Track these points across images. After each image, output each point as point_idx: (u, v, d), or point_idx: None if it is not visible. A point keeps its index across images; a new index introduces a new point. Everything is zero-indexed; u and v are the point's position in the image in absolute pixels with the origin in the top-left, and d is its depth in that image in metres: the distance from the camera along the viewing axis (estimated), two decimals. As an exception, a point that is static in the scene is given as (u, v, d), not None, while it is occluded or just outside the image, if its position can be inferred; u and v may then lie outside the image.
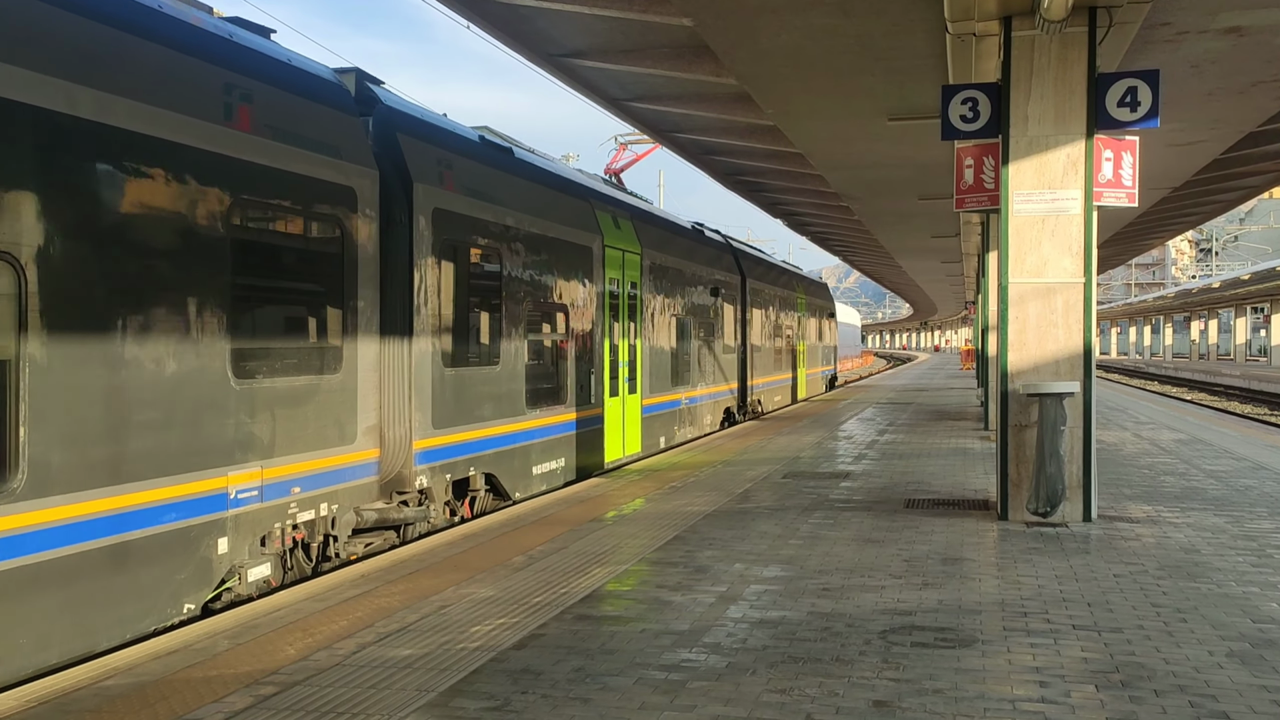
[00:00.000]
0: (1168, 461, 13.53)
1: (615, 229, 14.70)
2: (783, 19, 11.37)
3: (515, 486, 11.36)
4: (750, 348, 23.46)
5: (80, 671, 5.22)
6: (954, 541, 8.34)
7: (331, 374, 8.21)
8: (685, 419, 18.01)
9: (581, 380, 13.18)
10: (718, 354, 20.30)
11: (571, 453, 12.89)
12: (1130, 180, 9.24)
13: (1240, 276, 60.10)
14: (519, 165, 12.18)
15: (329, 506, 8.25)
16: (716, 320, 20.28)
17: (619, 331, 14.58)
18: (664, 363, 16.77)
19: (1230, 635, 5.67)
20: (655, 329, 16.31)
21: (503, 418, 11.11)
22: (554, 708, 4.62)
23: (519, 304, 11.48)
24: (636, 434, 15.41)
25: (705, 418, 19.33)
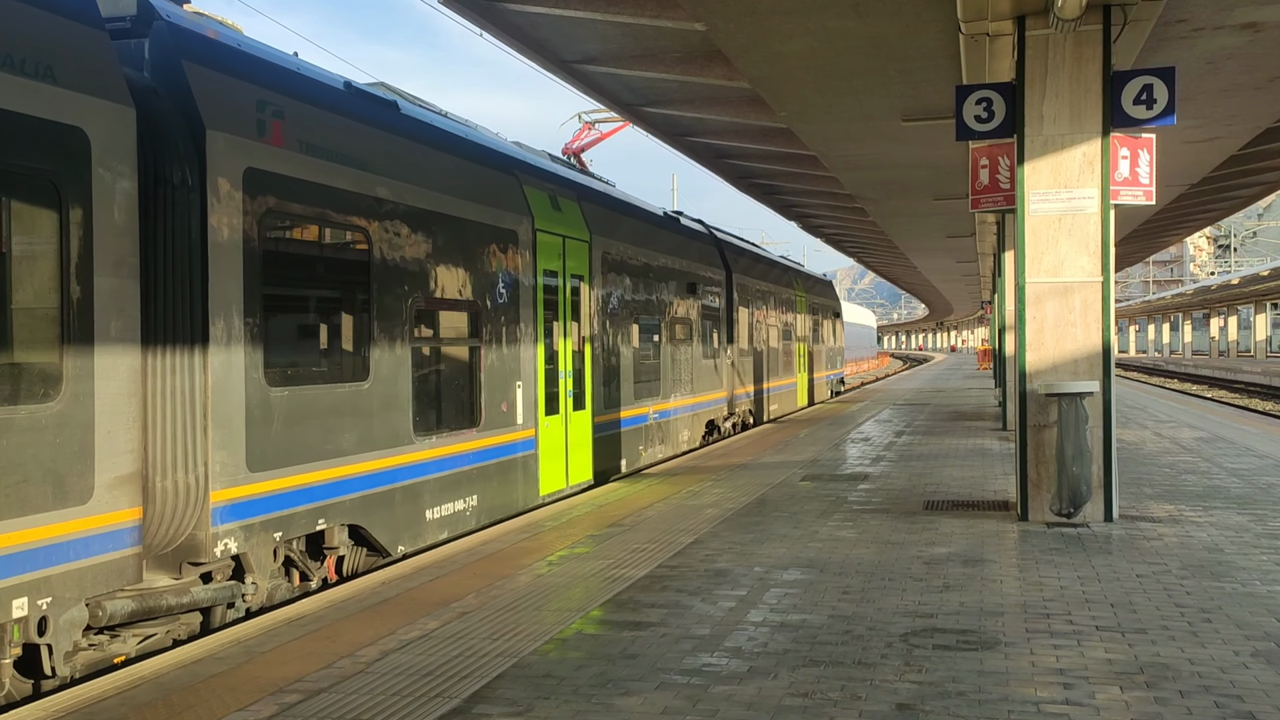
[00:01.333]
0: (1189, 460, 13.44)
1: (553, 211, 12.10)
2: (795, 21, 11.37)
3: (398, 538, 8.88)
4: (738, 352, 20.90)
5: (106, 681, 5.26)
6: (974, 543, 8.31)
7: (34, 403, 5.64)
8: (654, 436, 15.56)
9: (501, 396, 10.67)
10: (697, 360, 17.78)
11: (488, 488, 10.41)
12: (1147, 178, 9.20)
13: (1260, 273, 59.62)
14: (404, 124, 9.61)
15: (33, 602, 5.63)
16: (695, 321, 17.78)
17: (560, 335, 12.14)
18: (624, 371, 14.22)
19: (1255, 635, 5.63)
20: (612, 331, 13.75)
21: (374, 450, 8.54)
22: (577, 713, 4.63)
23: (400, 301, 8.91)
24: (586, 458, 12.89)
25: (681, 433, 16.95)
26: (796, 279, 28.32)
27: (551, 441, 11.87)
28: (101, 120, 6.09)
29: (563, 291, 12.37)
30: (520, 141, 15.06)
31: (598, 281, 13.37)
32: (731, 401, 20.25)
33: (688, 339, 17.32)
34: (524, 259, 11.28)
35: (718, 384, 19.27)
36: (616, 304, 13.99)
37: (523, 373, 11.17)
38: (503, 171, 11.34)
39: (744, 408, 21.32)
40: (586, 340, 12.91)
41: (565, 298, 12.45)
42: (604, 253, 13.63)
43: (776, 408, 24.80)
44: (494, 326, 10.61)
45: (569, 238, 12.49)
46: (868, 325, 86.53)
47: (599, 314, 13.37)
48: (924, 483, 11.84)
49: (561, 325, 12.27)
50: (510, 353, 10.93)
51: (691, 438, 17.51)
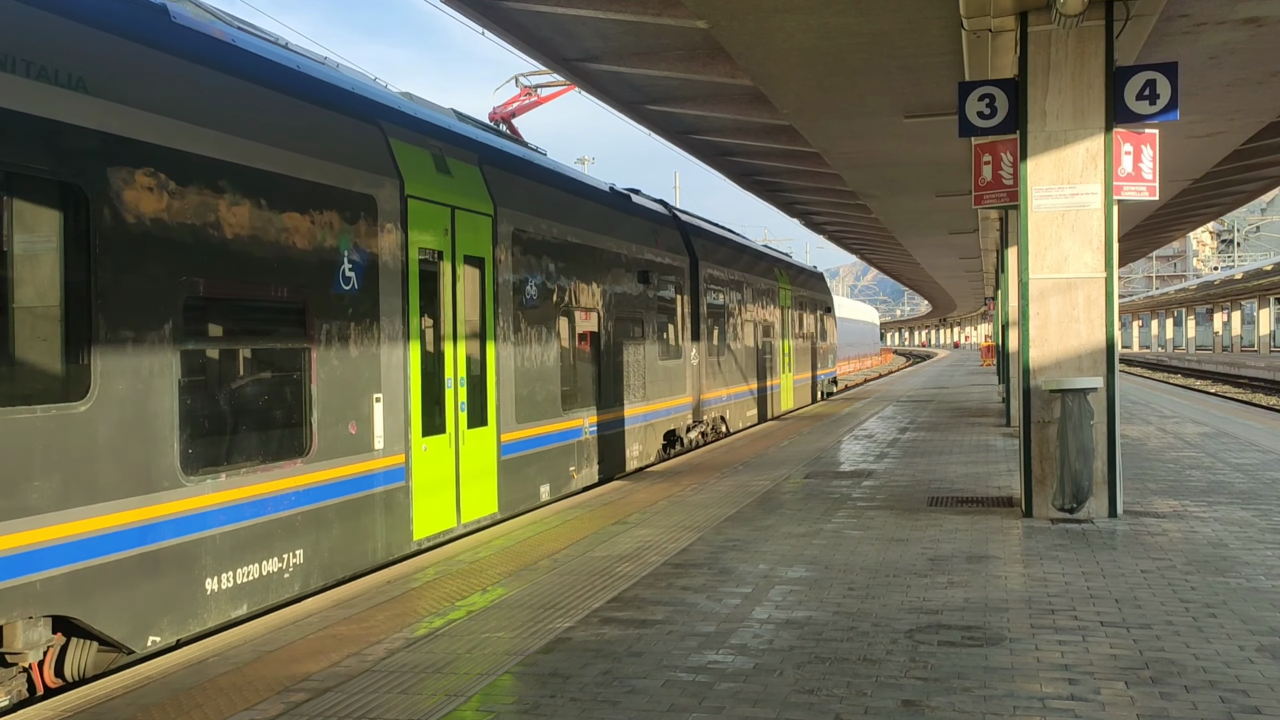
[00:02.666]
0: (1193, 455, 13.43)
1: (437, 174, 9.60)
2: (797, 18, 11.37)
3: (147, 625, 6.21)
4: (706, 351, 18.20)
5: (113, 681, 5.28)
6: (978, 539, 8.31)
7: None
8: (590, 454, 12.80)
9: (347, 413, 8.06)
10: (651, 361, 15.16)
11: (325, 538, 7.76)
12: (1150, 173, 9.20)
13: (1263, 267, 59.58)
14: (173, 37, 6.99)
15: None
16: (650, 315, 15.18)
17: (448, 334, 9.63)
18: (547, 377, 11.52)
19: (1261, 630, 5.64)
20: (529, 328, 11.17)
21: (102, 500, 5.95)
22: (583, 711, 4.64)
23: (155, 285, 6.39)
24: (488, 487, 10.24)
25: (630, 448, 14.30)
26: (779, 269, 25.65)
27: (433, 469, 9.23)
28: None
29: (451, 278, 9.66)
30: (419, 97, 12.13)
31: (507, 266, 10.66)
32: (698, 408, 17.71)
33: (638, 336, 14.66)
34: (387, 234, 8.64)
35: (679, 388, 16.63)
36: (535, 294, 11.31)
37: (386, 382, 8.56)
38: (356, 118, 8.62)
39: (714, 415, 18.76)
40: (490, 340, 10.37)
41: (455, 286, 9.73)
42: (516, 230, 10.87)
43: (755, 413, 22.19)
44: (335, 322, 7.96)
45: (462, 209, 9.86)
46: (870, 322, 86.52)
47: (509, 306, 10.71)
48: (928, 479, 11.84)
49: (450, 321, 9.63)
50: (364, 357, 8.29)
51: (644, 452, 14.88)
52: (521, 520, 9.90)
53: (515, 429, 10.83)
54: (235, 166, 7.08)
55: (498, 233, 10.57)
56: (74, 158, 5.84)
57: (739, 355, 20.67)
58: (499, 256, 10.60)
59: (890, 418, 21.12)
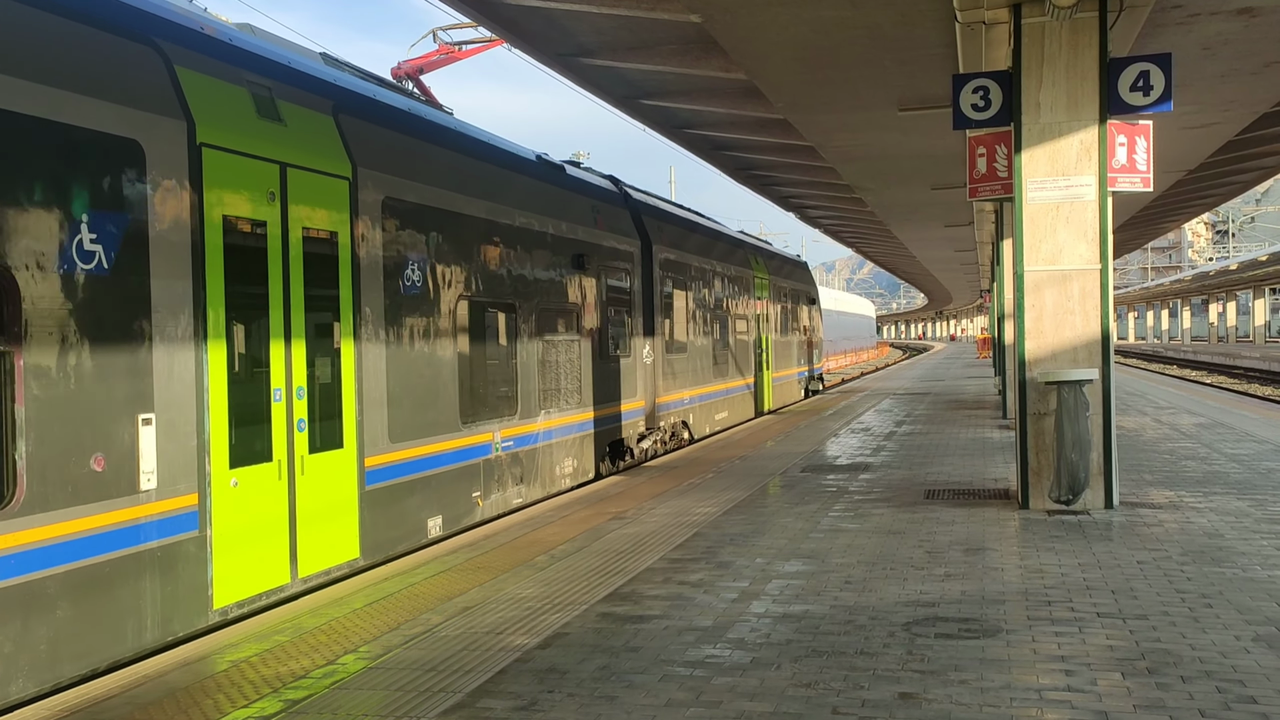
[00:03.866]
0: (1189, 446, 13.46)
1: (258, 120, 7.34)
2: (791, 12, 11.36)
3: None
4: (663, 347, 16.12)
5: (110, 680, 5.28)
6: (975, 531, 8.33)
7: None
8: (504, 474, 10.67)
9: (83, 444, 5.88)
10: (588, 359, 13.04)
11: (37, 625, 5.51)
12: (1144, 165, 9.20)
13: (1258, 258, 59.66)
14: None
15: None
16: (588, 306, 13.08)
17: (276, 328, 7.39)
18: (438, 382, 9.45)
19: (1256, 620, 5.65)
20: (408, 321, 9.02)
21: None
22: (581, 706, 4.64)
23: None
24: (345, 528, 8.04)
25: (562, 463, 12.12)
26: (755, 257, 23.53)
27: (250, 511, 7.01)
28: None
29: (282, 257, 7.44)
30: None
31: (374, 243, 8.54)
32: (652, 414, 15.59)
33: (572, 331, 12.56)
34: (164, 194, 6.51)
35: (628, 391, 14.56)
36: (420, 280, 9.20)
37: (161, 398, 6.40)
38: (113, 32, 6.41)
39: (673, 420, 16.68)
40: (349, 338, 8.23)
41: (289, 267, 7.50)
42: (390, 200, 8.79)
43: (725, 416, 20.00)
44: (62, 314, 5.76)
45: (300, 169, 7.66)
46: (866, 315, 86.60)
47: (378, 295, 8.58)
48: (924, 472, 11.86)
49: (281, 314, 7.41)
50: (120, 363, 6.16)
51: (580, 468, 12.71)
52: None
53: (389, 449, 8.62)
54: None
55: (359, 201, 8.37)
56: None
57: (705, 352, 18.55)
58: (361, 231, 8.37)
59: (887, 411, 21.15)
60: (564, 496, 11.12)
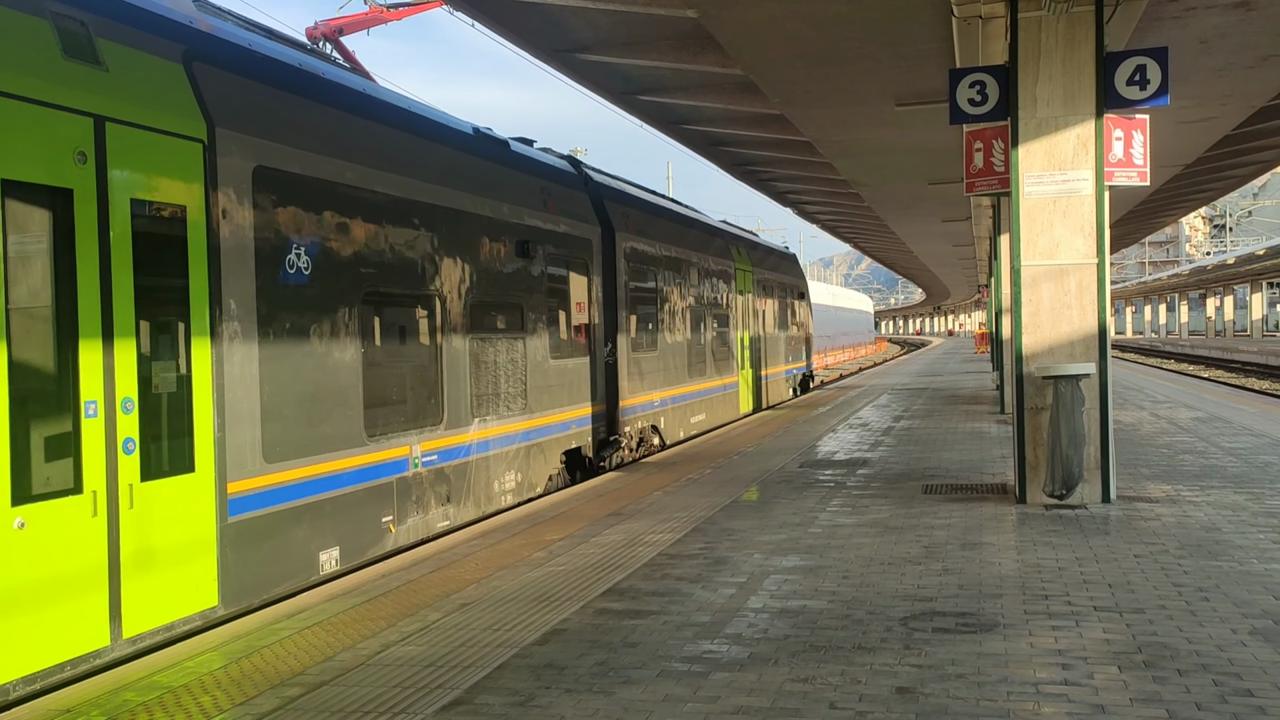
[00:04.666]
0: (1186, 440, 13.47)
1: (62, 61, 6.00)
2: (787, 7, 11.35)
3: None
4: (629, 345, 14.69)
5: (108, 677, 5.27)
6: (973, 526, 8.33)
7: None
8: (423, 495, 9.24)
9: None
10: (536, 359, 11.58)
11: None
12: (1141, 159, 9.21)
13: (1255, 252, 59.72)
14: None
15: None
16: (535, 299, 11.61)
17: (88, 322, 5.98)
18: (336, 388, 8.04)
19: (1253, 613, 5.66)
20: (291, 316, 7.58)
21: None
22: (578, 702, 4.65)
23: None
24: (198, 571, 6.65)
25: (501, 478, 10.68)
26: (738, 248, 21.96)
27: (41, 558, 5.58)
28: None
29: (99, 232, 6.10)
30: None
31: (241, 221, 7.12)
32: (615, 418, 14.15)
33: (514, 328, 11.14)
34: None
35: (586, 394, 13.08)
36: (310, 266, 7.76)
37: None
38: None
39: (641, 425, 15.14)
40: (206, 335, 6.83)
41: (109, 246, 6.14)
42: (264, 170, 7.33)
43: (703, 419, 18.45)
44: None
45: (127, 125, 6.30)
46: (864, 310, 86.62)
47: (247, 283, 7.12)
48: (922, 467, 11.86)
49: (96, 303, 6.04)
50: None
51: (526, 482, 11.26)
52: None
53: (263, 472, 7.16)
54: None
55: (220, 169, 6.96)
56: None
57: (679, 350, 17.03)
58: (223, 207, 6.96)
59: (885, 406, 21.15)
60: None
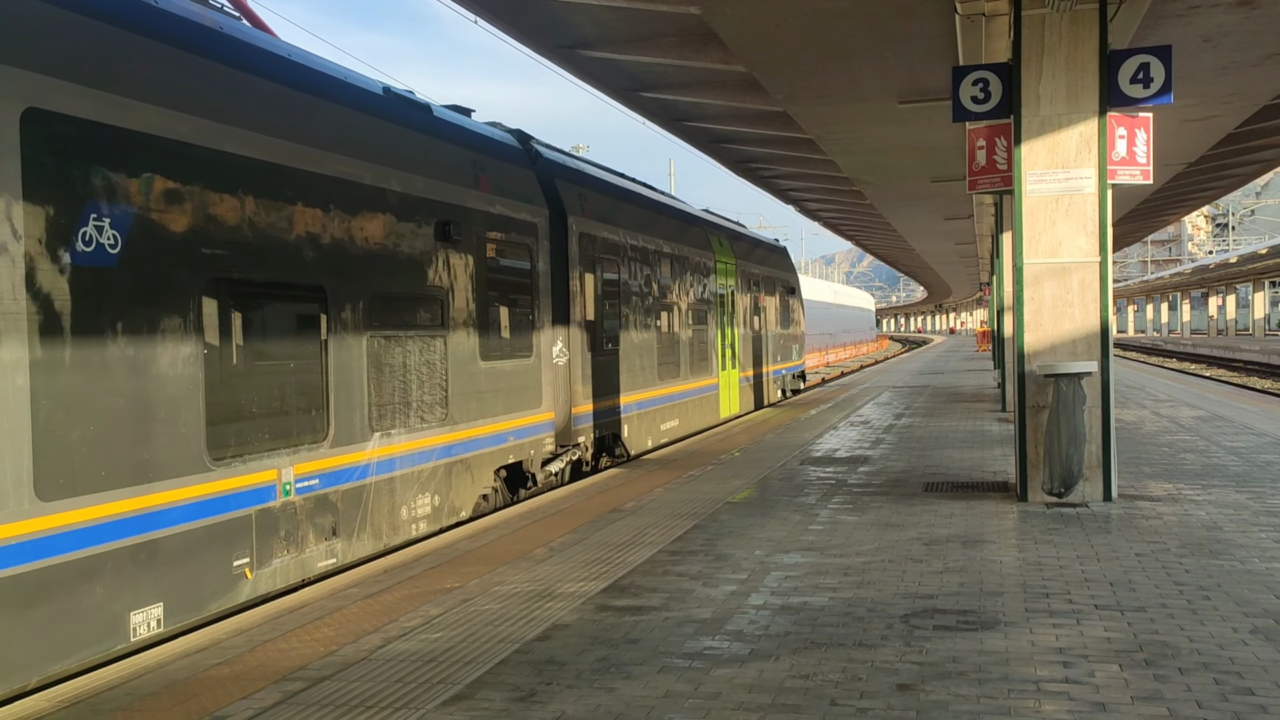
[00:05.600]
0: (1188, 439, 13.46)
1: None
2: (790, 4, 11.34)
3: None
4: (585, 343, 13.00)
5: (111, 671, 5.29)
6: (974, 524, 8.33)
7: None
8: (298, 530, 7.62)
9: None
10: (462, 358, 9.96)
11: None
12: (1144, 157, 9.20)
13: (1258, 251, 59.63)
14: None
15: None
16: (456, 291, 9.89)
17: None
18: (158, 399, 6.46)
19: (1254, 612, 5.66)
20: (81, 306, 5.91)
21: None
22: (579, 697, 4.65)
23: None
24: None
25: (412, 503, 9.07)
26: (719, 239, 20.32)
27: None
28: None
29: None
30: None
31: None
32: (567, 428, 12.49)
33: (434, 324, 9.57)
34: None
35: (529, 400, 11.38)
36: (111, 244, 6.16)
37: None
38: None
39: (598, 434, 13.46)
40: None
41: None
42: (31, 111, 5.66)
43: (675, 425, 16.71)
44: None
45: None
46: (866, 308, 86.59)
47: (3, 259, 5.47)
48: (923, 465, 11.86)
49: None
50: None
51: (447, 506, 9.66)
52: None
53: (36, 511, 5.52)
54: None
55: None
56: None
57: (645, 349, 15.37)
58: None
59: (886, 404, 21.14)
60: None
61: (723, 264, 20.02)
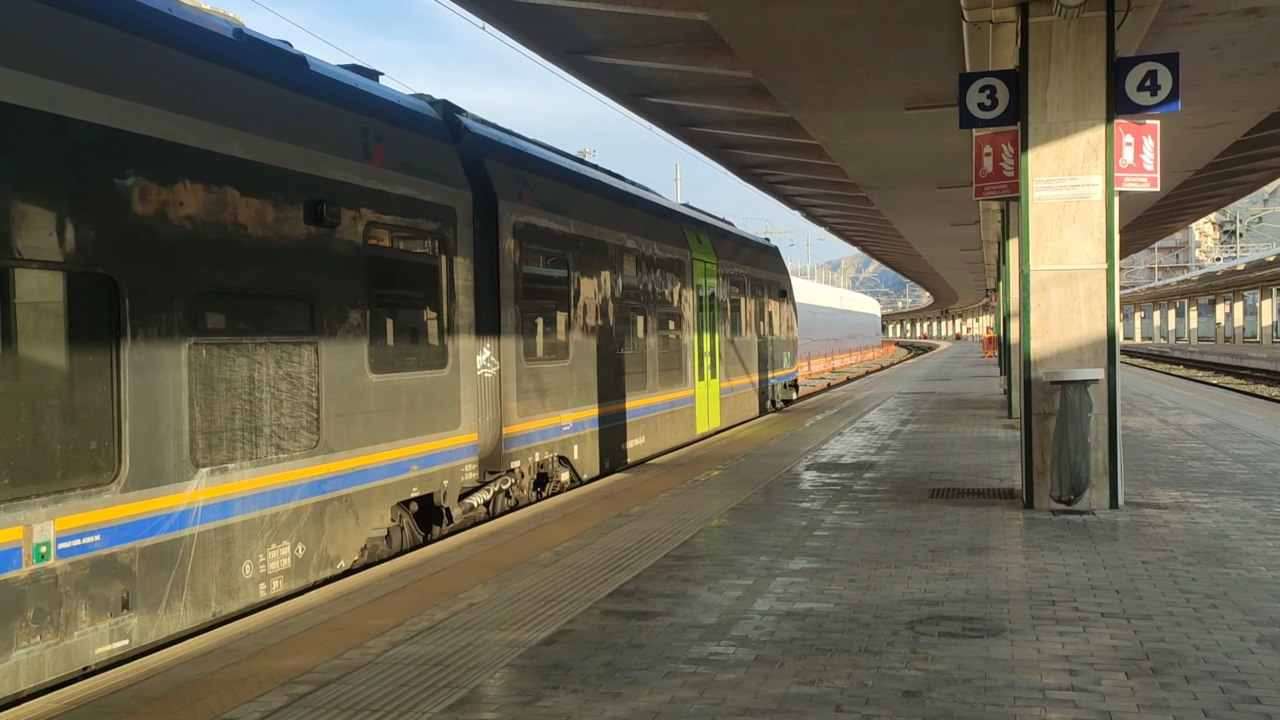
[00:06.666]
0: (1194, 446, 13.43)
1: None
2: (798, 10, 11.35)
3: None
4: (520, 351, 11.08)
5: (118, 673, 5.30)
6: (979, 530, 8.32)
7: None
8: (49, 609, 5.58)
9: None
10: (336, 373, 8.03)
11: None
12: (1151, 164, 9.19)
13: (1265, 258, 59.48)
14: None
15: None
16: (332, 287, 8.01)
17: None
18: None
19: (1261, 620, 5.65)
20: None
21: None
22: (584, 702, 4.66)
23: None
24: None
25: (258, 557, 7.20)
26: (698, 235, 18.42)
27: None
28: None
29: None
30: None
31: None
32: (495, 451, 10.68)
33: (298, 328, 7.67)
34: None
35: (442, 419, 9.48)
36: None
37: None
38: None
39: (538, 457, 11.62)
40: None
41: None
42: None
43: (641, 443, 14.90)
44: None
45: None
46: (872, 314, 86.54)
47: None
48: (929, 471, 11.85)
49: None
50: None
51: (316, 556, 7.79)
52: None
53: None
54: None
55: None
56: None
57: (604, 359, 13.55)
58: None
59: (892, 410, 21.12)
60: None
61: (701, 263, 18.08)
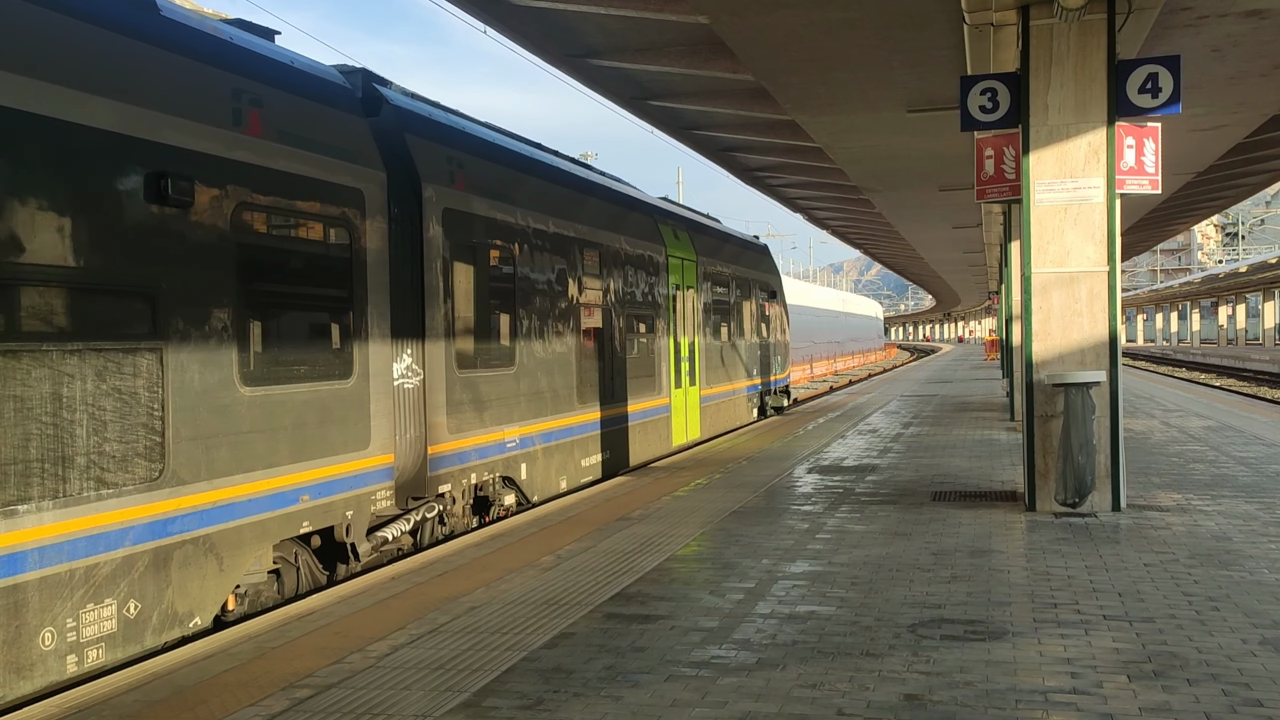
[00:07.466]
0: (1197, 449, 13.42)
1: None
2: (799, 13, 11.36)
3: None
4: (450, 356, 9.57)
5: (120, 677, 5.31)
6: (982, 533, 8.32)
7: None
8: None
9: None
10: (194, 386, 6.51)
11: None
12: (1153, 167, 9.19)
13: (1268, 260, 59.45)
14: None
15: None
16: (198, 284, 6.56)
17: None
18: None
19: (1264, 623, 5.64)
20: None
21: None
22: (586, 705, 4.65)
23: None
24: None
25: (62, 623, 5.53)
26: (675, 231, 16.87)
27: None
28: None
29: None
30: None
31: None
32: (419, 475, 9.29)
33: (132, 333, 6.14)
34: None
35: (344, 439, 8.01)
36: None
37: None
38: None
39: (475, 479, 10.07)
40: None
41: None
42: None
43: (606, 458, 13.33)
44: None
45: None
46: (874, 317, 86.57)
47: None
48: (931, 474, 11.85)
49: None
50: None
51: (156, 615, 6.22)
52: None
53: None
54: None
55: None
56: None
57: (558, 365, 11.91)
58: None
59: (894, 412, 21.11)
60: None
61: (678, 261, 16.50)
